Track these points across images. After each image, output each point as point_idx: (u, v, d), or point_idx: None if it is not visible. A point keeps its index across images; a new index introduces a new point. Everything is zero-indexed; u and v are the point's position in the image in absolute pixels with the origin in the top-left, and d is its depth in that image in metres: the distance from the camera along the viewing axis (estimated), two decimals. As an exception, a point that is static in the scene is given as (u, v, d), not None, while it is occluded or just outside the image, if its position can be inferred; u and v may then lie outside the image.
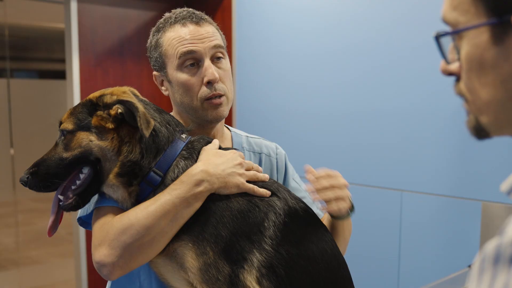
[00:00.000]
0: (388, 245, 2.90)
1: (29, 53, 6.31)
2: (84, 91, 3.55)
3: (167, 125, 1.40)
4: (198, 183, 1.30)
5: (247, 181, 1.38)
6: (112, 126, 1.34)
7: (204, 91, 1.50)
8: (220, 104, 1.52)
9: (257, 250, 1.28)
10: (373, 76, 2.95)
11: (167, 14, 1.59)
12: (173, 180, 1.33)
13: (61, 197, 1.35)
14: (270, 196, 1.37)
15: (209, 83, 1.50)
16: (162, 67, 1.56)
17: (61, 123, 1.36)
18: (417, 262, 2.79)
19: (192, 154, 1.38)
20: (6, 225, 6.02)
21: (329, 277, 1.35)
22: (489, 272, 0.65)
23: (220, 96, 1.52)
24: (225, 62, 1.57)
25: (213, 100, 1.51)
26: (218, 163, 1.34)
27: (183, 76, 1.51)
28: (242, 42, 3.65)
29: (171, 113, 1.64)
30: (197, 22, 1.53)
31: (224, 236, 1.28)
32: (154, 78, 1.63)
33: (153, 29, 1.60)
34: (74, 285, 3.91)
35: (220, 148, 1.45)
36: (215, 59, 1.54)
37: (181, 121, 1.58)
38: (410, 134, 2.80)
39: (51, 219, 1.36)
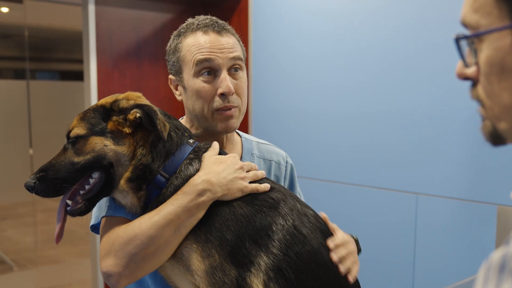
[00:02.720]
0: (403, 248, 2.88)
1: (48, 54, 6.37)
2: (101, 93, 3.58)
3: (176, 130, 1.42)
4: (201, 193, 1.30)
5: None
6: (129, 130, 1.35)
7: (216, 101, 1.51)
8: (231, 116, 1.52)
9: (264, 253, 1.28)
10: (387, 77, 2.94)
11: (190, 20, 1.59)
12: (177, 183, 1.35)
13: (69, 202, 1.36)
14: (278, 201, 1.38)
15: (223, 95, 1.50)
16: (178, 72, 1.56)
17: (70, 130, 1.36)
18: (432, 266, 2.77)
19: (198, 159, 1.39)
20: (25, 225, 6.09)
21: (338, 283, 1.35)
22: (494, 281, 0.64)
23: (232, 108, 1.52)
24: (242, 74, 1.57)
25: (224, 111, 1.51)
26: (219, 171, 1.34)
27: (198, 83, 1.51)
28: (258, 44, 3.65)
29: (184, 118, 1.66)
30: (219, 31, 1.53)
31: (230, 240, 1.28)
32: (169, 82, 1.63)
33: (174, 32, 1.60)
34: (91, 285, 3.94)
35: (220, 152, 1.46)
36: (232, 71, 1.54)
37: (192, 127, 1.59)
38: (425, 136, 2.78)
39: (58, 226, 1.35)
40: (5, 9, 5.73)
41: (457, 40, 0.79)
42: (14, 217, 6.29)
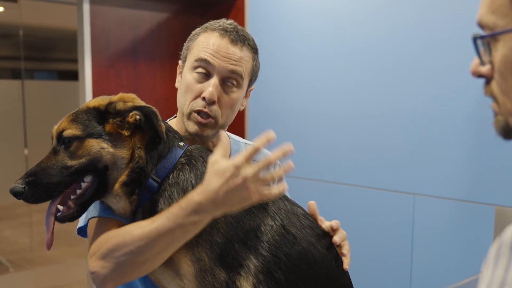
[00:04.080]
0: (400, 250, 2.86)
1: (44, 54, 6.36)
2: (96, 93, 3.55)
3: (168, 132, 1.39)
4: (197, 212, 1.19)
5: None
6: (128, 133, 1.32)
7: (197, 102, 1.49)
8: (205, 125, 1.49)
9: (253, 255, 1.26)
10: (386, 78, 2.92)
11: (222, 20, 1.58)
12: (170, 187, 1.32)
13: (60, 208, 1.30)
14: (267, 201, 1.34)
15: (205, 99, 1.47)
16: (184, 60, 1.58)
17: (61, 131, 1.31)
18: (430, 267, 2.75)
19: (190, 162, 1.36)
20: (22, 225, 6.06)
21: (330, 283, 1.33)
22: (506, 256, 0.67)
23: (208, 116, 1.48)
24: (236, 91, 1.53)
25: (199, 116, 1.48)
26: (216, 189, 1.17)
27: (190, 77, 1.51)
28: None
29: (174, 118, 1.64)
30: (234, 41, 1.51)
31: (219, 242, 1.26)
32: (178, 67, 1.63)
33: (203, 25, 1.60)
34: (88, 285, 3.92)
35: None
36: (228, 83, 1.51)
37: (179, 121, 1.58)
38: (423, 137, 2.76)
39: (49, 234, 1.29)
40: (0, 9, 5.71)
41: (475, 39, 0.83)
42: (11, 218, 6.27)
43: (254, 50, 1.58)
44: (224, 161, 1.20)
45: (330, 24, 3.18)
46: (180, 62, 1.61)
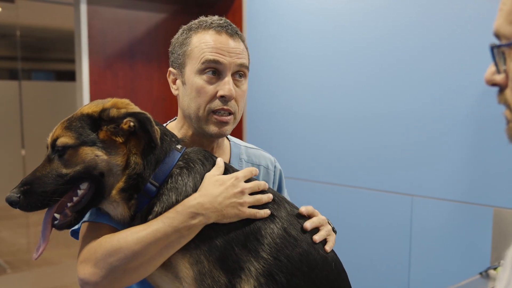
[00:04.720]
0: (398, 251, 2.86)
1: (41, 54, 6.35)
2: (93, 93, 3.55)
3: (164, 136, 1.38)
4: (193, 216, 1.25)
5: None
6: (122, 140, 1.31)
7: (214, 102, 1.47)
8: (226, 123, 1.48)
9: (254, 258, 1.25)
10: (384, 79, 2.91)
11: (202, 17, 1.56)
12: (168, 191, 1.31)
13: (57, 216, 1.29)
14: (267, 204, 1.35)
15: (223, 97, 1.46)
16: (181, 66, 1.53)
17: (55, 139, 1.29)
18: (428, 268, 2.74)
19: (188, 165, 1.35)
20: (19, 226, 6.05)
21: (331, 285, 1.32)
22: None
23: (229, 113, 1.48)
24: (245, 82, 1.55)
25: (220, 115, 1.47)
26: (216, 194, 1.28)
27: (200, 81, 1.47)
28: (252, 44, 3.63)
29: (177, 118, 1.63)
30: (232, 35, 1.51)
31: (219, 245, 1.25)
32: (168, 74, 1.59)
33: (185, 27, 1.56)
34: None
35: (225, 166, 1.40)
36: (236, 76, 1.51)
37: (183, 127, 1.55)
38: (421, 138, 2.76)
39: (44, 245, 1.28)
40: (-3, 9, 5.72)
41: (492, 49, 0.85)
42: (8, 219, 6.26)
43: (244, 40, 1.59)
44: (222, 175, 1.34)
45: (328, 25, 3.17)
46: (172, 69, 1.57)
